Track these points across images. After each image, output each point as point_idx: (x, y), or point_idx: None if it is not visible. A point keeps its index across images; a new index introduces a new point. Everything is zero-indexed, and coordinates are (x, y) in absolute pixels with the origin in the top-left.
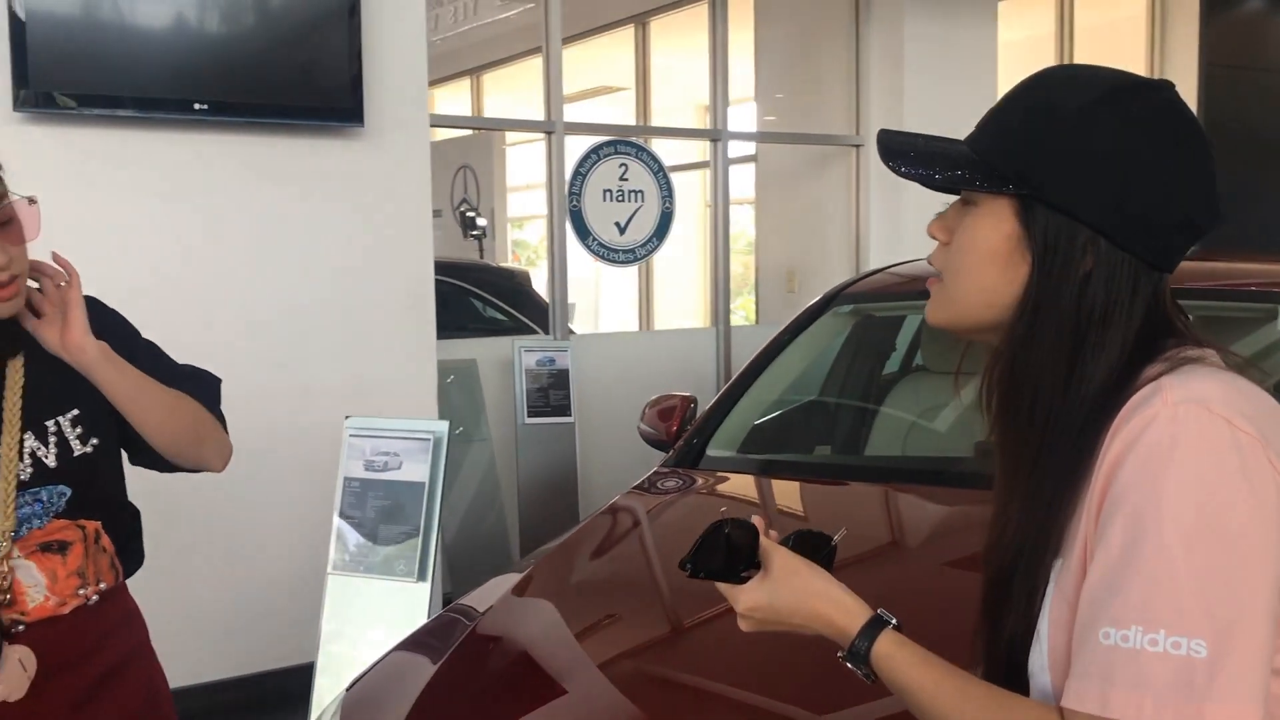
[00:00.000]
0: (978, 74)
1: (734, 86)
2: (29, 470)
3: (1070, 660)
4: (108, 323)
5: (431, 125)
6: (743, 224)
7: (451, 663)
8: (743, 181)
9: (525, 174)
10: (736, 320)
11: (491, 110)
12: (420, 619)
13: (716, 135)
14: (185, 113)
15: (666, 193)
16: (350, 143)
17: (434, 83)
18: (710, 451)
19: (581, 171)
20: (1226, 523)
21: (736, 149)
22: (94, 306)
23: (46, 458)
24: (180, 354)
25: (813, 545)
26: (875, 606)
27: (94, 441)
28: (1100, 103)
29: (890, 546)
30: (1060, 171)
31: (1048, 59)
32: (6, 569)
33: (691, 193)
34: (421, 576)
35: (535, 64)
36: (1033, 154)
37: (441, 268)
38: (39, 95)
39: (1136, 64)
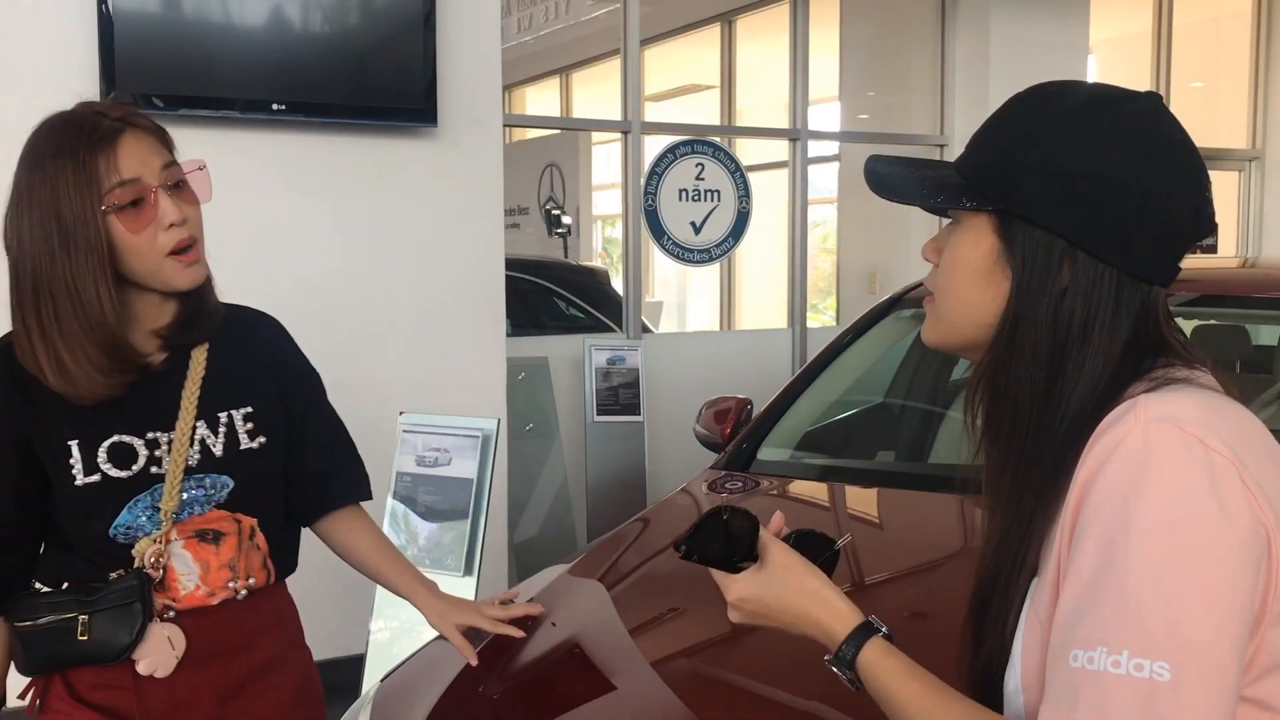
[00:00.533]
0: (1067, 74)
1: (818, 86)
2: (197, 457)
3: (1044, 682)
4: (302, 370)
5: (505, 125)
6: (831, 224)
7: (483, 655)
8: (827, 181)
9: (611, 173)
10: (825, 320)
11: (580, 109)
12: None
13: (795, 135)
14: (264, 113)
15: (743, 192)
16: (424, 142)
17: (524, 82)
18: (761, 455)
19: (657, 171)
20: (1195, 545)
21: (818, 149)
22: (294, 353)
23: (214, 447)
24: None
25: (814, 546)
26: (911, 614)
27: (261, 440)
28: (1075, 116)
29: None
30: (1035, 185)
31: (1144, 58)
32: (164, 550)
33: (778, 192)
34: (469, 571)
35: (618, 64)
36: (1010, 169)
37: (521, 265)
38: (128, 96)
39: (1240, 63)
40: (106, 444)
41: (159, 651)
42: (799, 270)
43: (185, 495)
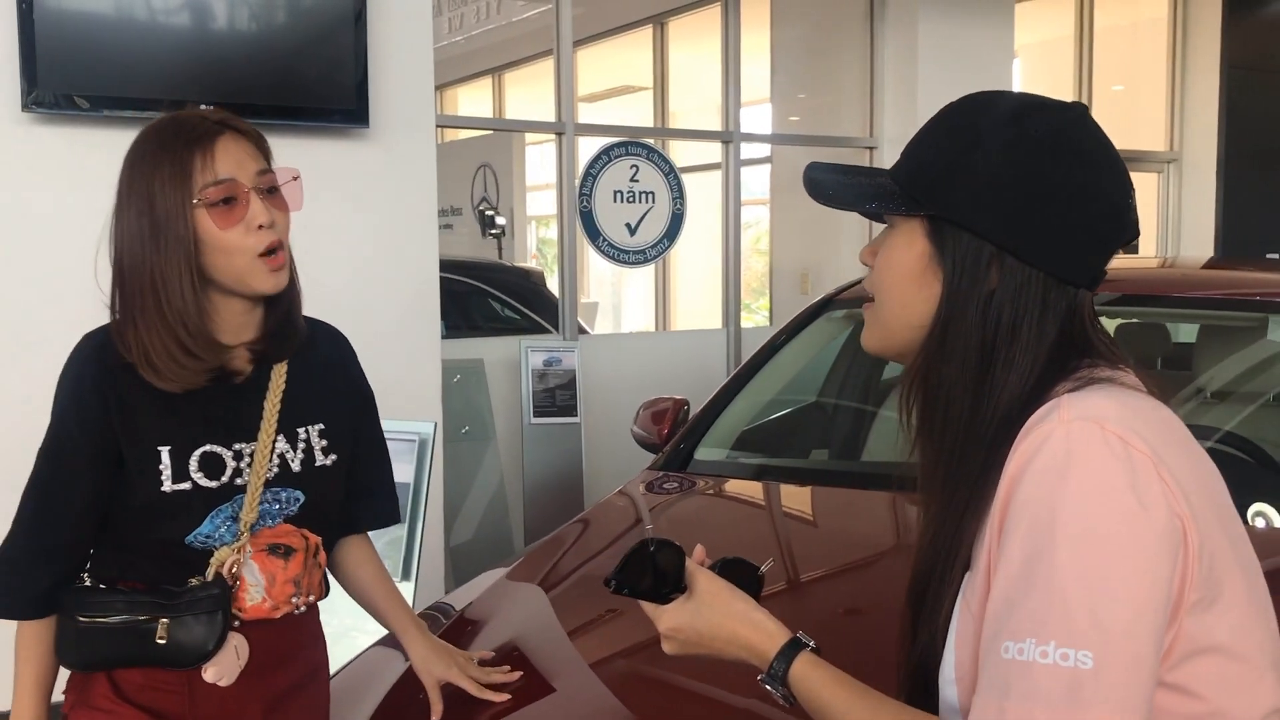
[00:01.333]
0: (993, 77)
1: (750, 88)
2: (274, 470)
3: (975, 673)
4: (365, 390)
5: (439, 126)
6: (760, 226)
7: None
8: (759, 182)
9: (546, 174)
10: (759, 320)
11: (512, 110)
12: None
13: (729, 137)
14: None
15: (678, 194)
16: (356, 143)
17: (455, 82)
18: (699, 455)
19: (592, 172)
20: (1116, 538)
21: (751, 150)
22: (361, 372)
23: (292, 461)
24: None
25: (740, 572)
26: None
27: (333, 457)
28: (1003, 124)
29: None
30: (964, 191)
31: (1067, 61)
32: (240, 559)
33: (710, 194)
34: (406, 575)
35: (550, 65)
36: (939, 175)
37: (455, 267)
38: (48, 96)
39: (1158, 66)
40: (198, 453)
41: (228, 661)
42: (733, 271)
43: (261, 507)
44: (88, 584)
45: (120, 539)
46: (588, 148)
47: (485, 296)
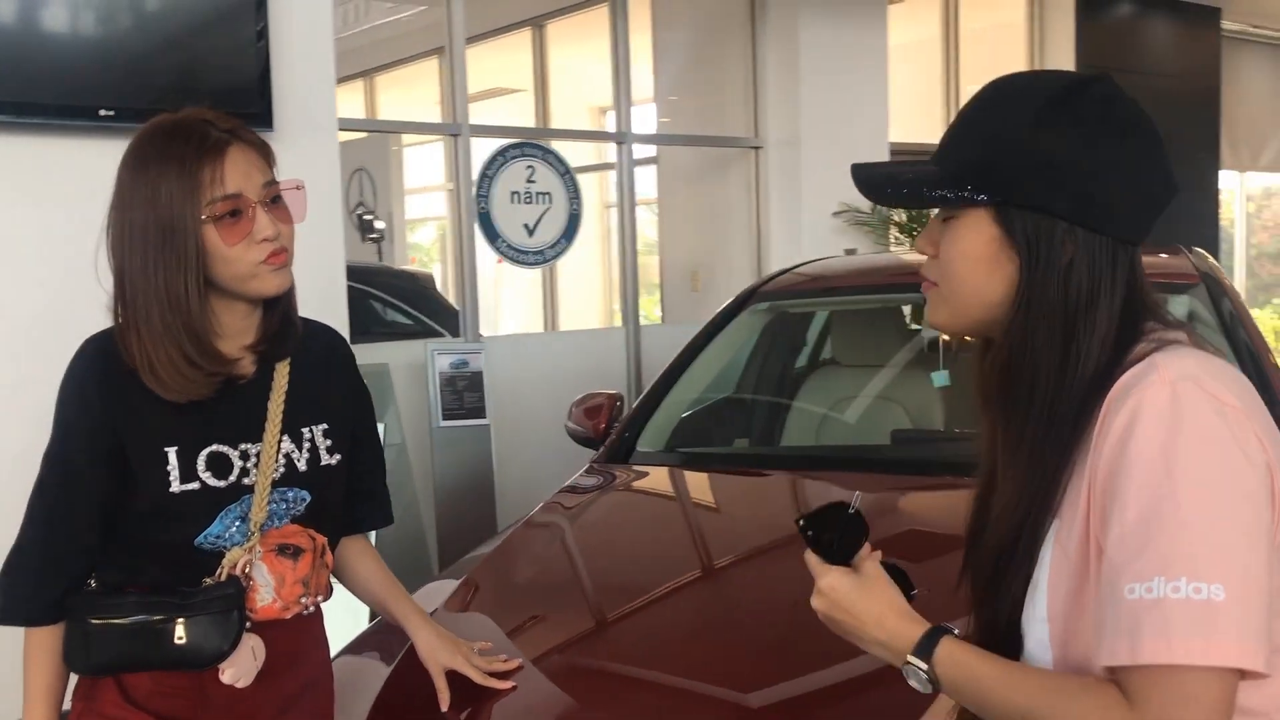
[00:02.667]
0: (870, 75)
1: (634, 90)
2: (280, 470)
3: (1068, 613)
4: (362, 390)
5: (341, 129)
6: (641, 225)
7: (406, 663)
8: (642, 183)
9: (421, 176)
10: (652, 318)
11: (386, 112)
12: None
13: (622, 138)
14: (92, 119)
15: (574, 194)
16: None
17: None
18: (640, 447)
19: (489, 174)
20: (1228, 483)
21: (637, 151)
22: (358, 372)
23: (298, 461)
24: None
25: (897, 578)
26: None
27: (338, 456)
28: (1049, 108)
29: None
30: (1027, 177)
31: (935, 60)
32: (251, 559)
33: (588, 195)
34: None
35: (430, 66)
36: (999, 165)
37: (346, 272)
38: None
39: (1017, 66)
40: (205, 453)
41: (244, 661)
42: (630, 270)
43: (269, 508)
44: (95, 588)
45: (128, 543)
46: (475, 149)
47: (376, 301)
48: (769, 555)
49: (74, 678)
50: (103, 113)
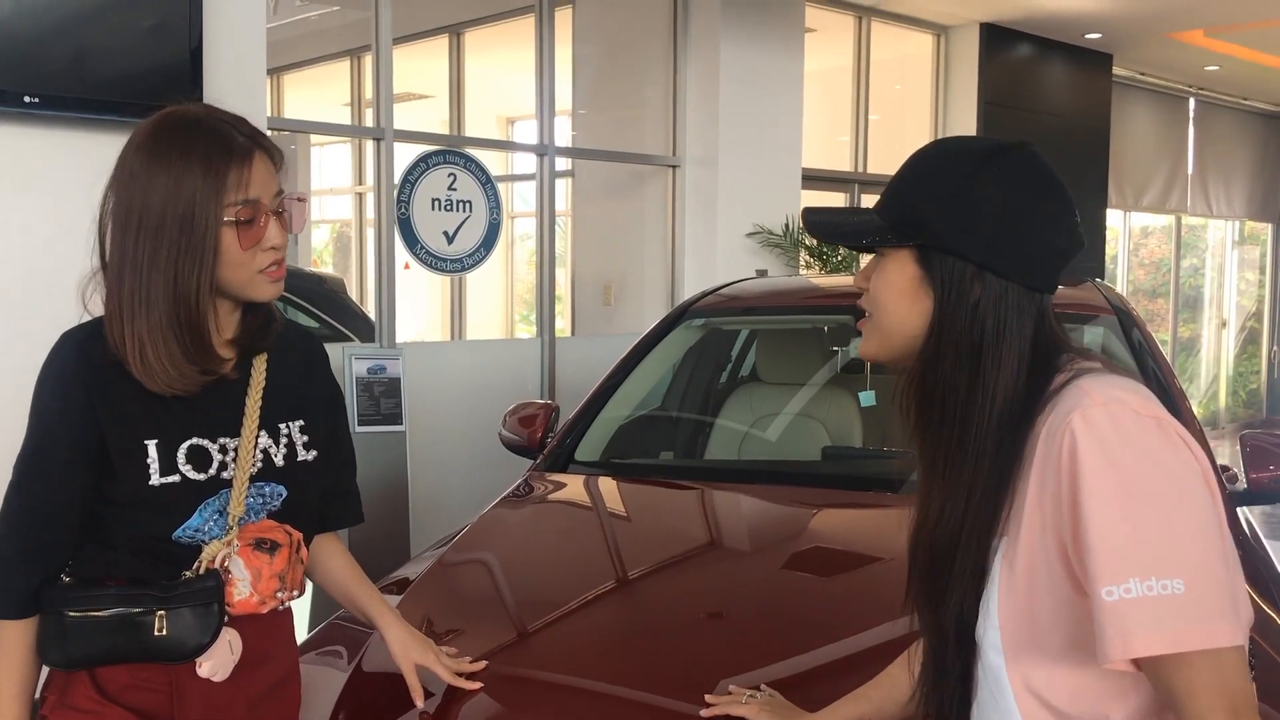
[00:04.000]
0: (786, 100)
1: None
2: (258, 465)
3: (1019, 616)
4: (335, 389)
5: (270, 128)
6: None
7: (366, 663)
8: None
9: (326, 178)
10: (559, 330)
11: (291, 112)
12: None
13: (543, 150)
14: (16, 105)
15: (494, 204)
16: None
17: None
18: (578, 456)
19: (410, 179)
20: (1176, 487)
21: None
22: (330, 372)
23: (275, 456)
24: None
25: None
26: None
27: (314, 453)
28: (973, 167)
29: (759, 540)
30: (948, 223)
31: (846, 87)
32: (230, 553)
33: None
34: None
35: (340, 67)
36: (926, 212)
37: None
38: None
39: (923, 99)
40: (185, 446)
41: (222, 654)
42: (547, 282)
43: (247, 502)
44: (70, 582)
45: (105, 537)
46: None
47: (283, 304)
48: (708, 563)
49: (44, 671)
50: (27, 99)
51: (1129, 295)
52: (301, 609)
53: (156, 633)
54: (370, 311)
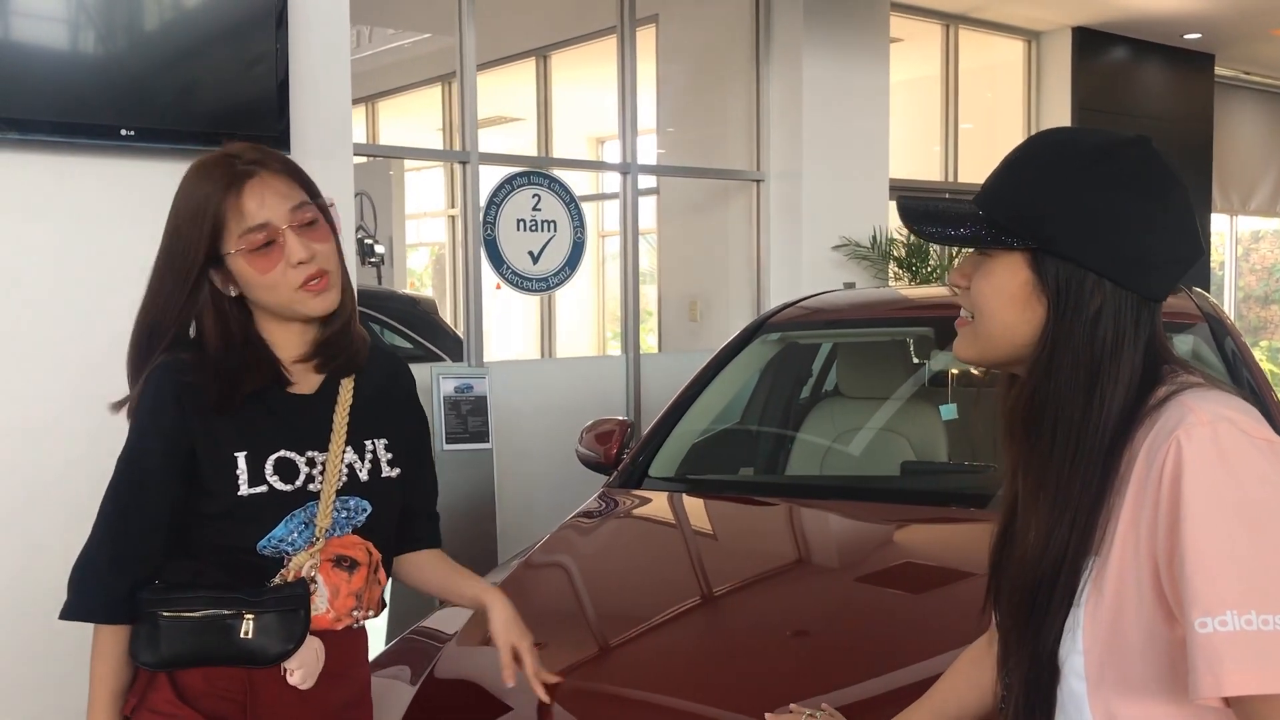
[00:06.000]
0: (872, 111)
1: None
2: (344, 479)
3: (1104, 644)
4: (421, 413)
5: (356, 154)
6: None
7: (431, 681)
8: (644, 212)
9: (419, 202)
10: (648, 346)
11: (385, 138)
12: None
13: (626, 169)
14: (112, 139)
15: (578, 223)
16: None
17: None
18: (652, 472)
19: (496, 201)
20: (1277, 515)
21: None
22: (416, 395)
23: (360, 471)
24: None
25: None
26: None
27: (398, 470)
28: (1094, 164)
29: (837, 557)
30: (1065, 227)
31: (935, 98)
32: (315, 563)
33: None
34: None
35: (431, 93)
36: (1041, 213)
37: None
38: None
39: (1014, 106)
40: (273, 458)
41: (310, 661)
42: (631, 299)
43: (332, 515)
44: (162, 586)
45: (193, 547)
46: (484, 177)
47: (377, 324)
48: (787, 580)
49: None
50: (124, 132)
51: (1239, 302)
52: (378, 630)
53: (243, 635)
54: (459, 331)
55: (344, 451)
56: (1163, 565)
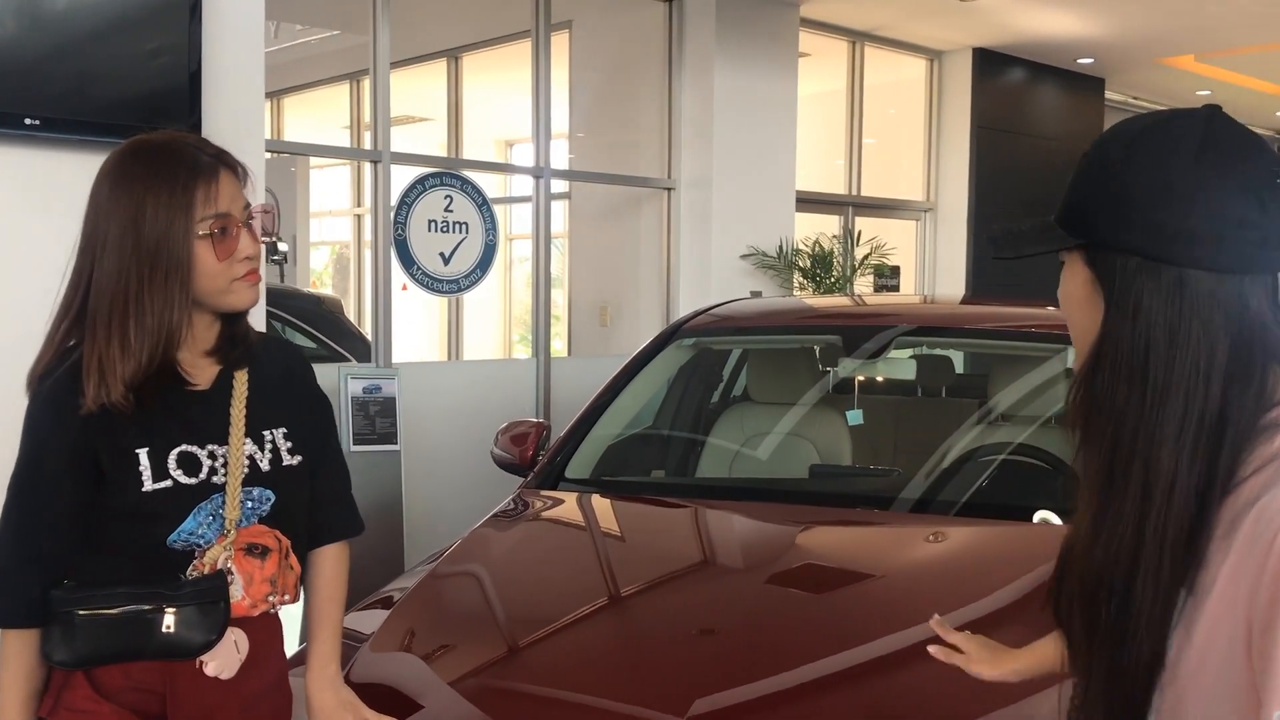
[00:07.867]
0: (780, 124)
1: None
2: (245, 470)
3: (1183, 683)
4: (321, 399)
5: (267, 150)
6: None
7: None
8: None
9: (324, 200)
10: (556, 350)
11: (290, 134)
12: None
13: (540, 173)
14: (16, 127)
15: (490, 225)
16: None
17: None
18: (568, 474)
19: (407, 201)
20: None
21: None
22: (315, 382)
23: (261, 461)
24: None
25: None
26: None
27: (299, 458)
28: (1130, 146)
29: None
30: (1105, 215)
31: (841, 112)
32: (229, 555)
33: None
34: None
35: (339, 90)
36: (1087, 207)
37: None
38: None
39: (916, 122)
40: (175, 452)
41: (228, 653)
42: (543, 303)
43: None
44: (72, 585)
45: (102, 545)
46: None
47: (281, 324)
48: (696, 580)
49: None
50: (28, 121)
51: None
52: (294, 619)
53: (164, 630)
54: (367, 332)
55: (244, 443)
56: (1256, 637)
